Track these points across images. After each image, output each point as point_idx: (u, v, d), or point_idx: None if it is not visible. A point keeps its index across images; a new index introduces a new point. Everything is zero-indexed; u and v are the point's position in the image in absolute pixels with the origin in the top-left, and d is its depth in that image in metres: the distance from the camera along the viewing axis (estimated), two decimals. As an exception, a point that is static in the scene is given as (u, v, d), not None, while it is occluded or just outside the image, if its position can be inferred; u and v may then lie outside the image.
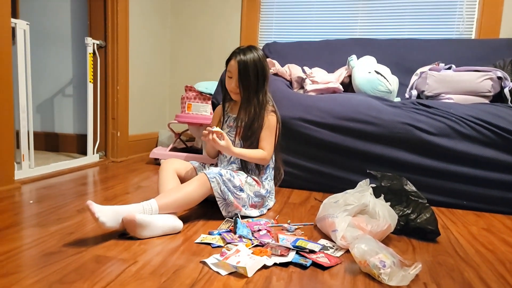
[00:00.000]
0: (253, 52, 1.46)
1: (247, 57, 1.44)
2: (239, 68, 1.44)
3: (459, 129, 1.66)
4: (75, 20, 2.61)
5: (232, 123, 1.57)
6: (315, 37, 2.91)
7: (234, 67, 1.45)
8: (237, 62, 1.44)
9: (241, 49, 1.48)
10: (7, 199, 1.48)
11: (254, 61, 1.45)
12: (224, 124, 1.61)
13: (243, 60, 1.44)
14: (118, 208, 1.11)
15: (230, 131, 1.57)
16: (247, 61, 1.44)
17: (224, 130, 1.57)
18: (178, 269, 0.93)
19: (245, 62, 1.44)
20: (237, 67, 1.44)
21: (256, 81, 1.47)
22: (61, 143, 2.73)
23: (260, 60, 1.47)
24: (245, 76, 1.45)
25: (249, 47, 1.49)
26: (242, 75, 1.45)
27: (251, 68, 1.44)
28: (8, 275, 0.86)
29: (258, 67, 1.46)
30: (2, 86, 1.58)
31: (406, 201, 1.30)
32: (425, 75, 2.10)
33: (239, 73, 1.44)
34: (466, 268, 1.03)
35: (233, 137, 1.55)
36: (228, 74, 1.50)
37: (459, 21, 2.69)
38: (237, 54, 1.46)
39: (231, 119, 1.58)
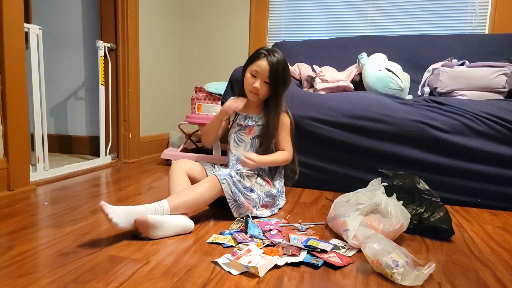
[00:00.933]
0: (280, 56, 1.47)
1: (278, 61, 1.44)
2: (270, 71, 1.44)
3: (473, 126, 1.63)
4: (86, 24, 2.65)
5: (243, 121, 1.57)
6: (325, 35, 2.90)
7: (265, 69, 1.44)
8: (269, 64, 1.43)
9: (269, 51, 1.46)
10: (23, 201, 1.51)
11: (283, 66, 1.46)
12: (234, 122, 1.61)
13: (275, 64, 1.43)
14: (131, 208, 1.12)
15: (240, 129, 1.57)
16: (278, 65, 1.44)
17: (233, 128, 1.58)
18: (190, 269, 0.94)
19: (277, 66, 1.44)
20: (268, 69, 1.44)
21: (282, 85, 1.48)
22: (74, 145, 2.77)
23: (287, 65, 1.49)
24: (276, 79, 1.45)
25: (275, 50, 1.48)
26: (273, 78, 1.45)
27: (280, 72, 1.45)
28: (25, 275, 0.88)
29: (286, 72, 1.47)
30: (17, 90, 1.61)
31: (419, 200, 1.29)
32: (437, 72, 2.08)
33: (270, 76, 1.44)
34: (481, 268, 1.02)
35: (244, 136, 1.55)
36: (252, 73, 1.48)
37: (471, 16, 2.64)
38: (267, 56, 1.45)
39: (241, 117, 1.58)
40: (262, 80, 1.46)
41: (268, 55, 1.45)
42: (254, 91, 1.48)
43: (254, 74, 1.47)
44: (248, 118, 1.56)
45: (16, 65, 1.60)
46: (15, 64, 1.60)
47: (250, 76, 1.49)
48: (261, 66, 1.45)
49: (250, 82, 1.49)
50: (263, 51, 1.47)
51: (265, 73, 1.45)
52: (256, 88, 1.47)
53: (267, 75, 1.45)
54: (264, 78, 1.46)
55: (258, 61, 1.46)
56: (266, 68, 1.44)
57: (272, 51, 1.47)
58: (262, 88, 1.47)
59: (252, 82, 1.48)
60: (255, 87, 1.47)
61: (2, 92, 1.56)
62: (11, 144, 1.59)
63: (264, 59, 1.45)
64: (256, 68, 1.46)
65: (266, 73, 1.44)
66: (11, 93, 1.59)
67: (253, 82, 1.47)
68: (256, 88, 1.47)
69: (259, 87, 1.46)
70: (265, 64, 1.44)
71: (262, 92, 1.49)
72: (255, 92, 1.49)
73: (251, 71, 1.48)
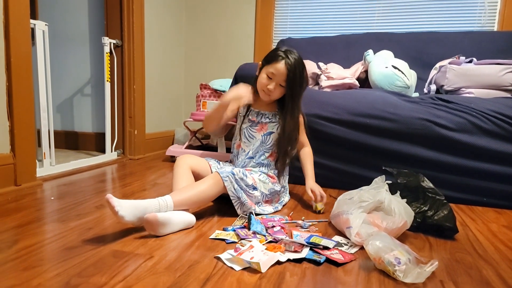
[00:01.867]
0: (298, 57, 1.43)
1: (296, 64, 1.41)
2: (288, 75, 1.41)
3: (480, 124, 1.62)
4: (92, 21, 2.66)
5: (256, 117, 1.55)
6: (331, 32, 2.88)
7: (282, 73, 1.41)
8: (286, 68, 1.40)
9: (287, 52, 1.42)
10: (30, 196, 1.53)
11: (300, 69, 1.43)
12: (245, 118, 1.58)
13: (293, 67, 1.40)
14: (136, 202, 1.13)
15: (252, 125, 1.55)
16: (296, 69, 1.41)
17: (245, 124, 1.57)
18: (192, 264, 0.94)
19: (295, 69, 1.41)
20: (285, 73, 1.41)
21: (299, 88, 1.47)
22: (80, 141, 2.79)
23: (304, 67, 1.45)
24: (293, 83, 1.43)
25: (292, 51, 1.45)
26: (290, 82, 1.43)
27: (298, 76, 1.42)
28: (30, 269, 0.89)
29: (303, 74, 1.45)
30: (23, 86, 1.63)
31: (423, 198, 1.28)
32: (444, 69, 2.06)
33: (288, 80, 1.42)
34: (484, 266, 1.01)
35: (255, 132, 1.54)
36: (269, 75, 1.44)
37: (480, 13, 2.61)
38: (285, 59, 1.41)
39: (253, 113, 1.56)
40: (278, 83, 1.44)
41: (286, 58, 1.41)
42: (267, 91, 1.46)
43: (270, 76, 1.44)
44: (260, 115, 1.55)
45: (22, 61, 1.62)
46: (21, 61, 1.61)
47: (266, 77, 1.45)
48: (278, 70, 1.41)
49: (264, 82, 1.46)
50: (281, 53, 1.42)
51: (282, 76, 1.42)
52: (270, 90, 1.44)
53: (283, 79, 1.42)
54: (280, 81, 1.43)
55: (276, 63, 1.42)
56: (284, 72, 1.41)
57: (290, 52, 1.43)
58: (276, 91, 1.45)
59: (267, 83, 1.45)
60: (269, 88, 1.44)
61: (9, 88, 1.58)
62: (18, 139, 1.61)
63: (282, 62, 1.41)
64: (273, 70, 1.42)
65: (283, 77, 1.41)
66: (18, 89, 1.60)
67: (268, 84, 1.44)
68: (270, 90, 1.44)
69: (273, 89, 1.44)
70: (283, 68, 1.40)
71: (274, 95, 1.47)
72: (267, 93, 1.47)
73: (268, 72, 1.44)
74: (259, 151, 1.53)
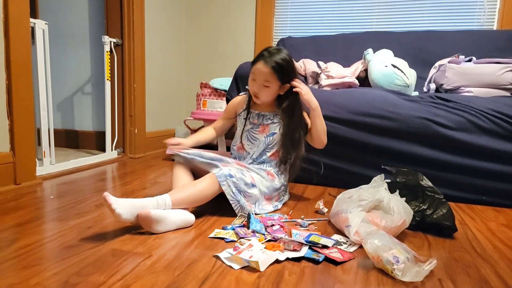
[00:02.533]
0: (282, 55, 1.39)
1: (277, 60, 1.38)
2: (270, 73, 1.38)
3: (479, 123, 1.62)
4: (92, 19, 2.66)
5: (257, 120, 1.53)
6: (331, 31, 2.88)
7: (262, 72, 1.39)
8: (267, 66, 1.37)
9: (269, 52, 1.39)
10: (29, 194, 1.53)
11: (286, 66, 1.40)
12: (246, 120, 1.56)
13: (273, 63, 1.37)
14: (133, 201, 1.13)
15: (253, 127, 1.54)
16: (277, 65, 1.37)
17: (246, 127, 1.55)
18: (191, 263, 0.95)
19: (276, 66, 1.37)
20: (265, 73, 1.38)
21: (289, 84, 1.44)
22: (80, 140, 2.80)
23: (290, 63, 1.42)
24: (281, 80, 1.41)
25: (276, 50, 1.41)
26: (278, 79, 1.40)
27: (282, 72, 1.39)
28: (29, 267, 0.89)
29: (290, 72, 1.42)
30: (23, 85, 1.63)
31: (422, 197, 1.28)
32: (444, 68, 2.06)
33: (272, 77, 1.39)
34: (483, 265, 1.01)
35: (257, 134, 1.53)
36: (252, 77, 1.43)
37: (480, 12, 2.61)
38: (265, 58, 1.38)
39: (254, 115, 1.54)
40: (261, 84, 1.41)
41: (264, 57, 1.38)
42: (253, 94, 1.46)
43: (253, 78, 1.43)
44: (261, 116, 1.53)
45: (22, 60, 1.62)
46: (21, 59, 1.61)
47: (251, 80, 1.45)
48: (258, 70, 1.40)
49: (250, 85, 1.45)
50: (261, 54, 1.41)
51: (263, 76, 1.39)
52: (255, 92, 1.43)
53: (265, 79, 1.39)
54: (262, 82, 1.41)
55: (255, 65, 1.40)
56: (263, 71, 1.38)
57: (270, 51, 1.40)
58: (262, 92, 1.43)
59: (251, 86, 1.44)
60: (253, 90, 1.44)
61: (8, 87, 1.58)
62: (18, 138, 1.61)
63: (260, 63, 1.39)
64: (254, 71, 1.41)
65: (264, 76, 1.39)
66: (17, 88, 1.60)
67: (252, 86, 1.44)
68: (255, 92, 1.44)
69: (258, 91, 1.43)
70: (261, 68, 1.38)
71: (262, 96, 1.44)
72: (255, 95, 1.46)
73: (251, 74, 1.44)
74: (262, 152, 1.52)
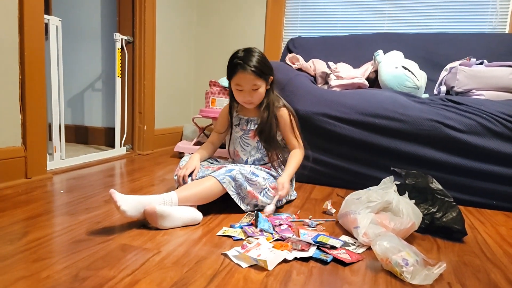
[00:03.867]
0: (256, 57, 1.39)
1: (252, 62, 1.37)
2: (253, 77, 1.38)
3: (490, 126, 1.60)
4: (104, 17, 2.68)
5: (246, 125, 1.54)
6: (341, 32, 2.87)
7: (247, 80, 1.38)
8: (248, 73, 1.36)
9: (242, 58, 1.38)
10: (40, 189, 1.55)
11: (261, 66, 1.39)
12: (236, 127, 1.57)
13: (254, 69, 1.36)
14: (139, 198, 1.14)
15: (244, 133, 1.54)
16: (254, 67, 1.36)
17: (237, 134, 1.56)
18: (200, 260, 0.95)
19: (255, 68, 1.36)
20: (250, 78, 1.37)
21: (266, 80, 1.44)
22: (90, 136, 2.82)
23: (263, 61, 1.41)
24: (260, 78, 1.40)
25: (247, 52, 1.40)
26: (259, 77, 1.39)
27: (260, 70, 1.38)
28: (40, 260, 0.90)
29: (266, 69, 1.42)
30: (36, 80, 1.65)
31: (432, 200, 1.27)
32: (455, 71, 2.04)
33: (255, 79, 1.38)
34: (493, 269, 1.00)
35: (249, 140, 1.54)
36: (237, 88, 1.42)
37: (492, 14, 2.58)
38: (242, 65, 1.36)
39: (243, 121, 1.55)
40: (250, 90, 1.41)
41: (240, 64, 1.37)
42: (248, 102, 1.46)
43: (240, 88, 1.42)
44: (250, 122, 1.53)
45: (36, 56, 1.63)
46: (35, 55, 1.63)
47: (237, 91, 1.44)
48: (241, 79, 1.39)
49: (239, 97, 1.45)
50: (234, 62, 1.39)
51: (249, 82, 1.38)
52: (249, 100, 1.44)
53: (252, 83, 1.39)
54: (249, 87, 1.40)
55: (236, 75, 1.39)
56: (247, 77, 1.37)
57: (240, 56, 1.39)
58: (254, 97, 1.43)
59: (242, 97, 1.44)
60: (247, 100, 1.44)
61: (22, 82, 1.60)
62: (29, 133, 1.63)
63: (239, 71, 1.37)
64: (238, 82, 1.41)
65: (250, 81, 1.38)
66: (30, 83, 1.62)
67: (243, 96, 1.43)
68: (249, 101, 1.44)
69: (251, 98, 1.43)
70: (244, 76, 1.37)
71: (256, 100, 1.45)
72: (249, 103, 1.46)
73: (235, 86, 1.43)
74: (257, 158, 1.53)
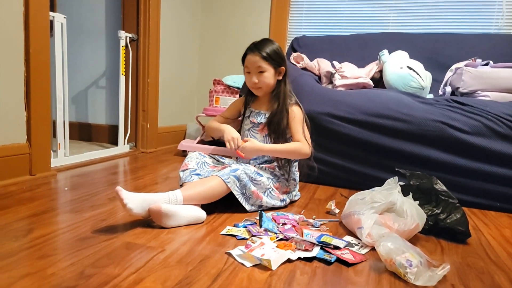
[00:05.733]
0: (268, 44, 1.44)
1: (261, 47, 1.43)
2: (260, 60, 1.42)
3: (496, 128, 1.60)
4: (109, 14, 2.69)
5: (255, 118, 1.54)
6: (346, 31, 2.86)
7: (252, 61, 1.43)
8: (254, 55, 1.42)
9: (254, 43, 1.45)
10: (44, 186, 1.56)
11: (271, 51, 1.43)
12: (247, 120, 1.58)
13: (260, 50, 1.42)
14: (145, 196, 1.15)
15: (253, 126, 1.55)
16: (262, 52, 1.42)
17: (247, 126, 1.57)
18: (204, 258, 0.95)
19: (264, 52, 1.42)
20: (256, 60, 1.42)
21: (278, 68, 1.46)
22: (94, 133, 2.83)
23: (276, 50, 1.46)
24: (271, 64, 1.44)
25: (262, 40, 1.46)
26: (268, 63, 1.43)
27: (269, 56, 1.43)
28: (45, 257, 0.91)
29: (278, 55, 1.45)
30: (41, 77, 1.65)
31: (436, 201, 1.27)
32: (460, 71, 2.03)
33: (262, 63, 1.42)
34: (496, 272, 1.00)
35: (256, 133, 1.54)
36: (246, 71, 1.48)
37: (498, 15, 2.56)
38: (251, 49, 1.44)
39: (254, 114, 1.56)
40: (256, 72, 1.45)
41: (250, 48, 1.45)
42: (254, 86, 1.48)
43: (247, 71, 1.47)
44: (260, 115, 1.54)
45: (41, 52, 1.64)
46: (40, 52, 1.63)
47: (246, 73, 1.49)
48: (248, 61, 1.45)
49: (247, 80, 1.49)
50: (249, 46, 1.46)
51: (255, 64, 1.43)
52: (255, 83, 1.46)
53: (257, 65, 1.43)
54: (256, 69, 1.44)
55: (245, 59, 1.47)
56: (254, 59, 1.43)
57: (257, 43, 1.45)
58: (260, 80, 1.45)
59: (248, 78, 1.48)
60: (253, 82, 1.46)
61: (27, 79, 1.60)
62: (34, 130, 1.64)
63: (248, 54, 1.45)
64: (246, 64, 1.47)
65: (256, 63, 1.43)
66: (35, 81, 1.63)
67: (249, 78, 1.47)
68: (255, 83, 1.46)
69: (257, 81, 1.45)
70: (251, 57, 1.43)
71: (263, 84, 1.46)
72: (256, 87, 1.48)
73: (245, 69, 1.48)
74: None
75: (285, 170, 1.49)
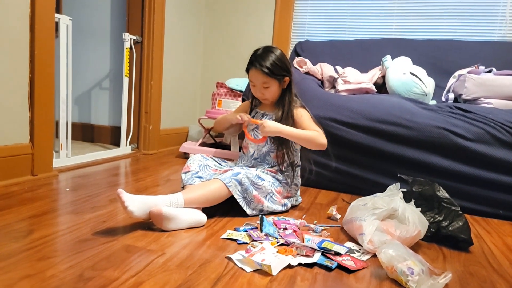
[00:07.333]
0: (271, 55, 1.42)
1: (265, 61, 1.40)
2: (262, 76, 1.41)
3: (498, 135, 1.59)
4: (114, 16, 2.70)
5: (260, 119, 1.54)
6: (349, 36, 2.86)
7: (257, 77, 1.43)
8: (258, 70, 1.41)
9: (256, 56, 1.43)
10: (46, 186, 1.56)
11: (274, 64, 1.41)
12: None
13: (263, 66, 1.40)
14: (146, 198, 1.14)
15: (257, 127, 1.55)
16: (264, 67, 1.40)
17: (251, 126, 1.57)
18: (204, 263, 0.95)
19: (268, 67, 1.40)
20: (260, 75, 1.41)
21: (282, 78, 1.45)
22: (96, 134, 2.83)
23: (281, 59, 1.44)
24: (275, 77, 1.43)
25: (264, 50, 1.44)
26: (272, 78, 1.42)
27: (273, 70, 1.41)
28: (45, 259, 0.90)
29: (282, 68, 1.43)
30: (45, 78, 1.66)
31: (438, 208, 1.26)
32: (463, 78, 2.03)
33: (267, 78, 1.41)
34: (499, 280, 0.99)
35: (260, 134, 1.53)
36: (251, 83, 1.48)
37: (501, 23, 2.56)
38: (254, 63, 1.42)
39: (259, 115, 1.57)
40: (261, 87, 1.45)
41: (252, 63, 1.42)
42: (260, 97, 1.50)
43: (253, 84, 1.48)
44: (265, 116, 1.55)
45: (46, 54, 1.64)
46: (45, 53, 1.64)
47: (252, 86, 1.49)
48: (253, 76, 1.45)
49: (253, 91, 1.51)
50: (250, 60, 1.45)
51: (260, 79, 1.43)
52: (262, 94, 1.48)
53: (262, 81, 1.43)
54: (260, 85, 1.45)
55: (249, 72, 1.46)
56: (258, 75, 1.42)
57: (258, 54, 1.43)
58: (266, 93, 1.46)
59: (254, 90, 1.49)
60: (258, 95, 1.49)
61: (31, 80, 1.61)
62: (37, 130, 1.64)
63: (252, 69, 1.44)
64: (250, 78, 1.47)
65: (261, 79, 1.43)
66: (40, 81, 1.63)
67: (255, 90, 1.49)
68: (262, 94, 1.48)
69: (262, 93, 1.47)
70: (255, 73, 1.43)
71: (268, 96, 1.48)
72: (262, 98, 1.50)
73: (250, 80, 1.49)
74: (264, 152, 1.52)
75: (287, 175, 1.49)
